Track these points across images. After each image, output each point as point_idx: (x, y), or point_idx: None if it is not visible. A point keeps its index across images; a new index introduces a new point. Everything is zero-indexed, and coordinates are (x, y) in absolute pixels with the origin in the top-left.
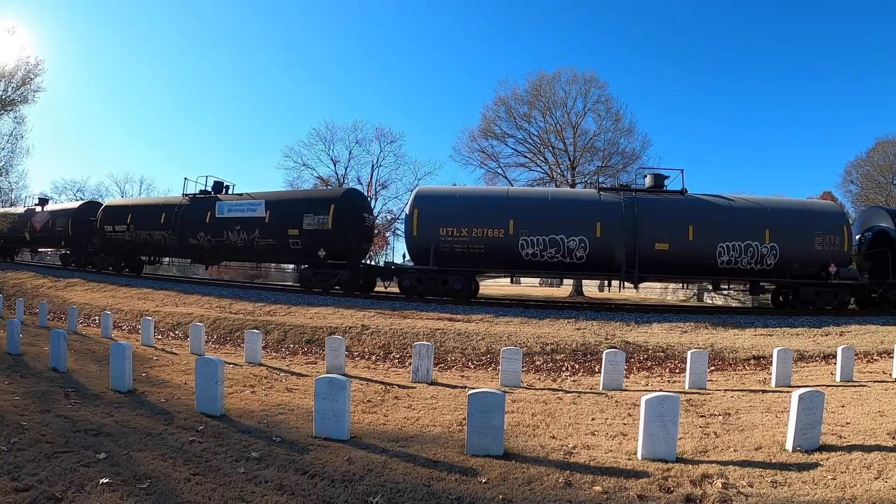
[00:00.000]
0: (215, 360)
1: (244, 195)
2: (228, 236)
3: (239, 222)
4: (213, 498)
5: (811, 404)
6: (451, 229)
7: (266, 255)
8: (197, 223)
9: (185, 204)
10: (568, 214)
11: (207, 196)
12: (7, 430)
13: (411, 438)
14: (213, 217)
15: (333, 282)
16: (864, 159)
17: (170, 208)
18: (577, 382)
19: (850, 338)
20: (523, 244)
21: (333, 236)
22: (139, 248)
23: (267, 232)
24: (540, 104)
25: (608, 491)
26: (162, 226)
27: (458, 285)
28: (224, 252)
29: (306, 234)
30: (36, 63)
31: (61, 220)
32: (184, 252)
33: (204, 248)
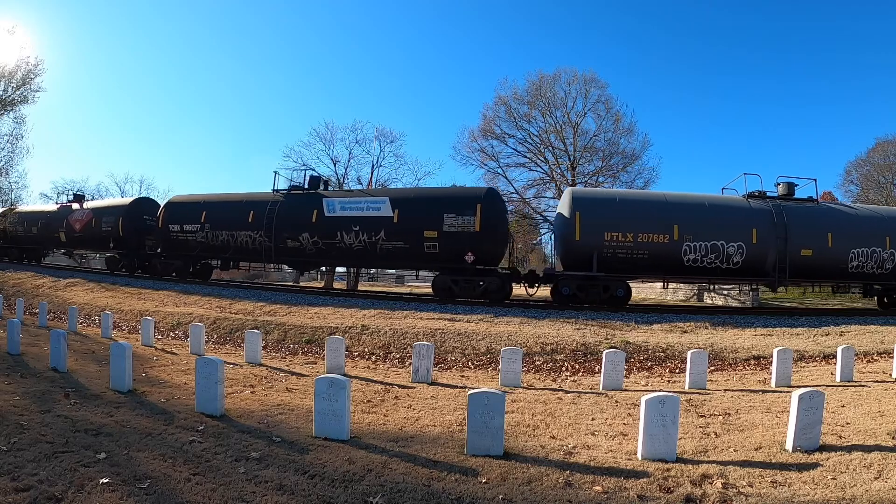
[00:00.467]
0: (215, 360)
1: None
2: (343, 238)
3: (357, 222)
4: (213, 498)
5: (811, 404)
6: (616, 234)
7: (392, 260)
8: (299, 223)
9: (278, 200)
10: (727, 220)
11: (307, 192)
12: (7, 430)
13: (411, 438)
14: (322, 216)
15: (479, 290)
16: (864, 159)
17: (260, 205)
18: (577, 382)
19: (850, 338)
20: (686, 250)
21: (482, 240)
22: (215, 250)
23: (396, 234)
24: (540, 104)
25: (608, 491)
26: (250, 225)
27: (620, 292)
28: (335, 256)
29: (446, 236)
30: (36, 63)
31: (108, 218)
32: (279, 256)
33: (307, 251)
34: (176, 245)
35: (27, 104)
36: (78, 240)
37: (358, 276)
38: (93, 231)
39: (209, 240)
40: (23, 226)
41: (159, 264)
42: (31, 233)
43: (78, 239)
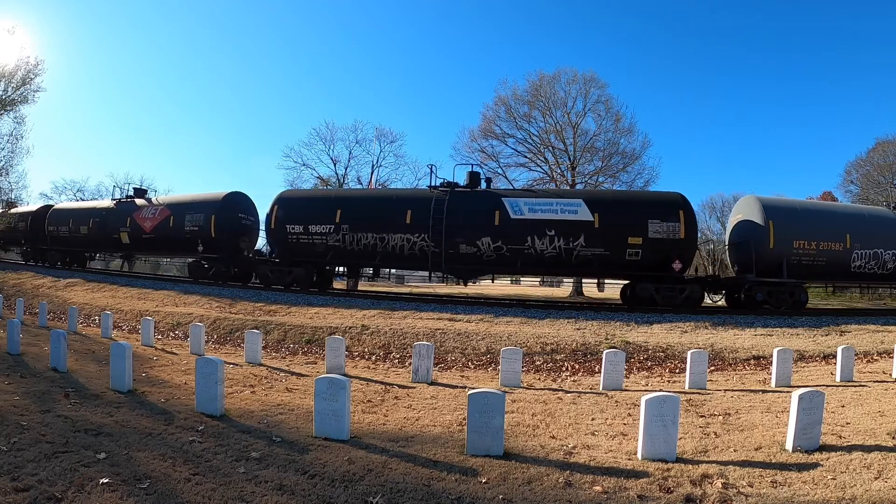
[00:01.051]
0: (215, 360)
1: (537, 190)
2: (534, 244)
3: (552, 226)
4: (213, 498)
5: (811, 404)
6: (803, 242)
7: (588, 268)
8: (477, 225)
9: (442, 198)
10: (884, 230)
11: (476, 190)
12: (7, 430)
13: (411, 438)
14: (506, 218)
15: (681, 298)
16: (864, 159)
17: (419, 203)
18: (577, 382)
19: (850, 338)
20: (854, 257)
21: (687, 247)
22: (355, 256)
23: (596, 240)
24: (540, 104)
25: (608, 491)
26: (408, 227)
27: (804, 297)
28: (521, 264)
29: (652, 243)
30: (36, 63)
31: (194, 215)
32: (450, 263)
33: (485, 258)
34: (296, 249)
35: (27, 104)
36: (148, 242)
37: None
38: (170, 231)
39: (346, 243)
40: (68, 225)
41: (271, 272)
42: (79, 233)
43: (148, 241)
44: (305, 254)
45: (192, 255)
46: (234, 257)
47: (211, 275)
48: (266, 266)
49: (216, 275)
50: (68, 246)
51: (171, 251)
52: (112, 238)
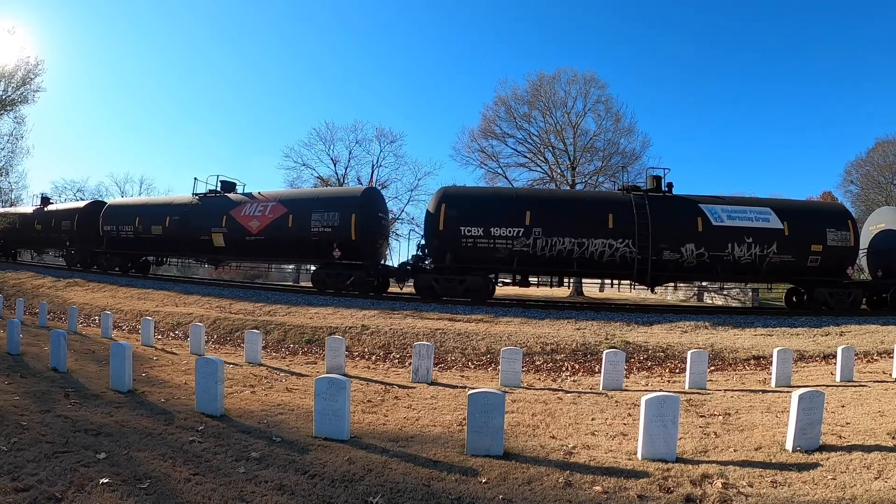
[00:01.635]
0: (215, 360)
1: (727, 198)
2: (732, 250)
3: (750, 233)
4: (213, 498)
5: (811, 404)
6: None
7: (777, 274)
8: (681, 232)
9: (640, 202)
10: None
11: (677, 196)
12: (7, 430)
13: (411, 438)
14: (708, 224)
15: (848, 301)
16: (864, 159)
17: (619, 207)
18: (577, 382)
19: (850, 338)
20: None
21: (854, 254)
22: (544, 262)
23: (786, 247)
24: (540, 104)
25: (608, 491)
26: (611, 232)
27: None
28: (719, 270)
29: (828, 250)
30: (36, 63)
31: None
32: (656, 270)
33: (686, 264)
34: (472, 255)
35: (27, 104)
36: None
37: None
38: (288, 232)
39: (537, 249)
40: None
41: (436, 281)
42: (150, 233)
43: (254, 244)
44: (483, 260)
45: (319, 260)
46: (374, 262)
47: (349, 284)
48: (429, 275)
49: (357, 284)
50: (132, 248)
51: (290, 256)
52: (199, 240)
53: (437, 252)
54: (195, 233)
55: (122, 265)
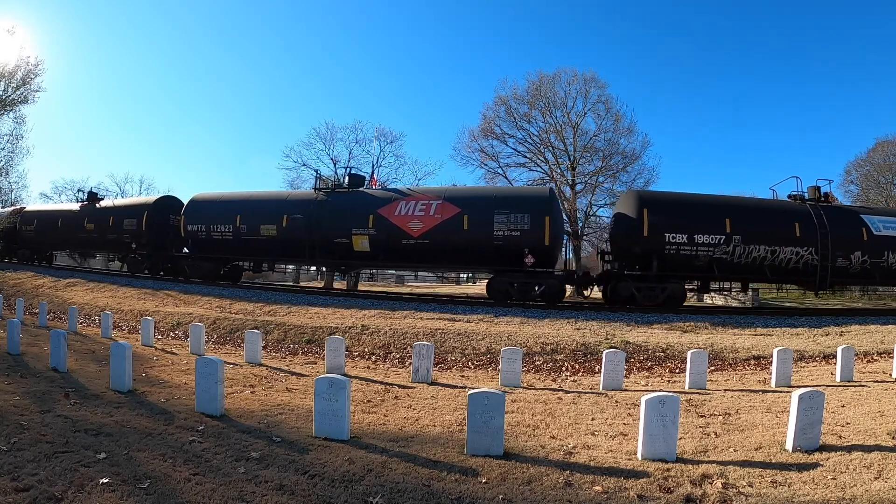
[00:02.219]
0: (215, 360)
1: (876, 209)
2: (887, 258)
3: None
4: (213, 498)
5: (811, 404)
6: None
7: None
8: (850, 240)
9: (817, 211)
10: None
11: (842, 206)
12: (7, 430)
13: (411, 438)
14: (871, 233)
15: None
16: (864, 159)
17: (801, 215)
18: (577, 382)
19: (850, 338)
20: None
21: None
22: (739, 270)
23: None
24: (540, 104)
25: (608, 491)
26: (797, 240)
27: None
28: (879, 276)
29: None
30: (36, 63)
31: (514, 216)
32: (834, 276)
33: (852, 271)
34: (674, 262)
35: (27, 104)
36: (415, 249)
37: (358, 275)
38: (464, 236)
39: (734, 256)
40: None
41: (641, 289)
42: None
43: (415, 248)
44: (684, 267)
45: (501, 268)
46: (570, 271)
47: (538, 294)
48: (630, 282)
49: (547, 294)
50: (229, 252)
51: (460, 263)
52: (333, 243)
53: (641, 259)
54: (327, 235)
55: (212, 272)
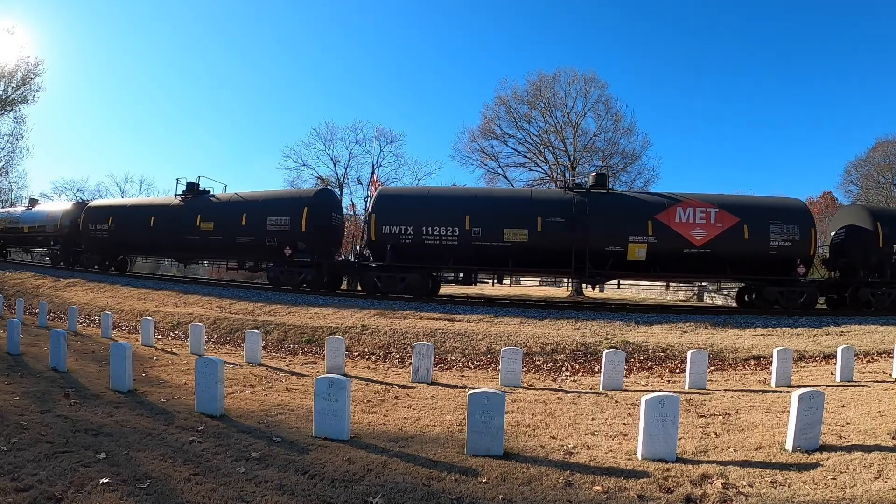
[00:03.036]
0: (215, 360)
1: None
2: None
3: None
4: (213, 498)
5: (811, 404)
6: None
7: None
8: None
9: None
10: None
11: None
12: (7, 430)
13: (411, 438)
14: None
15: None
16: (864, 159)
17: None
18: (577, 382)
19: (850, 338)
20: None
21: None
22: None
23: None
24: (540, 104)
25: (608, 491)
26: None
27: None
28: None
29: None
30: (36, 63)
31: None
32: None
33: None
34: None
35: (27, 104)
36: (695, 259)
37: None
38: (743, 246)
39: None
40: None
41: None
42: (503, 241)
43: (696, 258)
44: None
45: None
46: None
47: (802, 302)
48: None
49: (809, 302)
50: (455, 262)
51: (737, 272)
52: (605, 251)
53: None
54: (598, 241)
55: (421, 286)
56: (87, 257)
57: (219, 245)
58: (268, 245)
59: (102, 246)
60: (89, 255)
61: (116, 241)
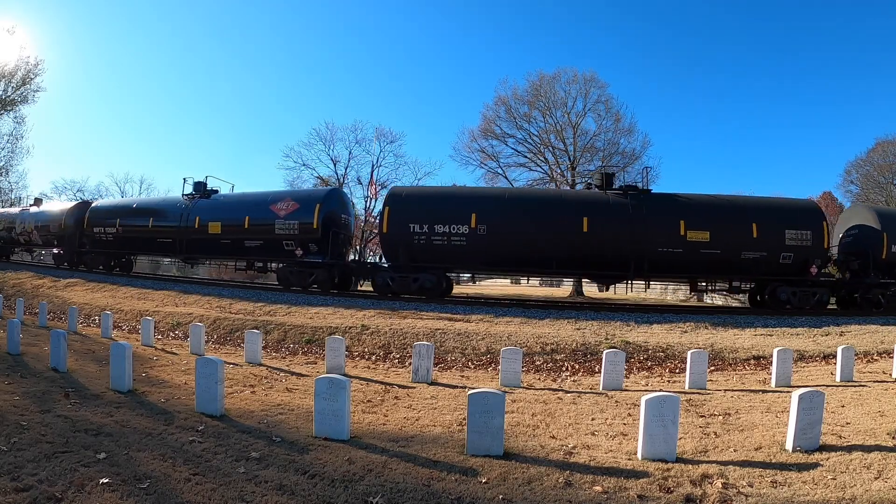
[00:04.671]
0: (215, 360)
1: None
2: None
3: None
4: (213, 498)
5: (811, 404)
6: None
7: None
8: None
9: None
10: None
11: None
12: (7, 430)
13: (411, 438)
14: None
15: None
16: (864, 159)
17: None
18: (577, 382)
19: (850, 338)
20: None
21: None
22: None
23: None
24: (540, 104)
25: (608, 491)
26: None
27: None
28: None
29: None
30: (36, 63)
31: None
32: None
33: None
34: None
35: (27, 104)
36: None
37: None
38: None
39: None
40: None
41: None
42: None
43: None
44: None
45: None
46: None
47: None
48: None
49: None
50: None
51: None
52: None
53: None
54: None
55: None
56: (91, 258)
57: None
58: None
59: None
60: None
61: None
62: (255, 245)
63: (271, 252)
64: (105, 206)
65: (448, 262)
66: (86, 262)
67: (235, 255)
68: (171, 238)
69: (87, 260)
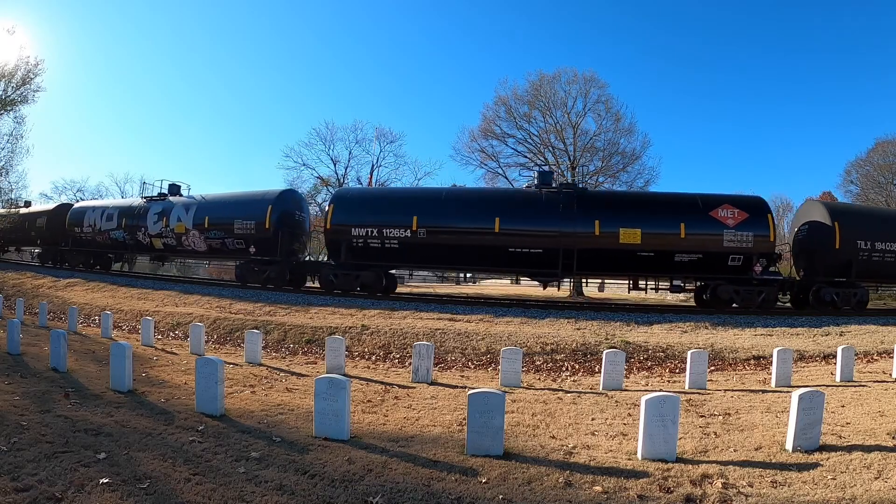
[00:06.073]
0: (215, 360)
1: None
2: None
3: None
4: (213, 498)
5: (811, 404)
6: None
7: None
8: None
9: None
10: None
11: None
12: (7, 430)
13: (411, 438)
14: None
15: None
16: (864, 159)
17: None
18: (577, 382)
19: (850, 338)
20: None
21: None
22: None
23: None
24: (540, 104)
25: (608, 491)
26: None
27: None
28: None
29: None
30: (36, 63)
31: None
32: None
33: None
34: None
35: (27, 104)
36: None
37: None
38: None
39: None
40: None
41: None
42: None
43: None
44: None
45: None
46: None
47: None
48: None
49: None
50: None
51: None
52: None
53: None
54: None
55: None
56: (73, 256)
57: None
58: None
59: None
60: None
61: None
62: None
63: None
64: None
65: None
66: (68, 260)
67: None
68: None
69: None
